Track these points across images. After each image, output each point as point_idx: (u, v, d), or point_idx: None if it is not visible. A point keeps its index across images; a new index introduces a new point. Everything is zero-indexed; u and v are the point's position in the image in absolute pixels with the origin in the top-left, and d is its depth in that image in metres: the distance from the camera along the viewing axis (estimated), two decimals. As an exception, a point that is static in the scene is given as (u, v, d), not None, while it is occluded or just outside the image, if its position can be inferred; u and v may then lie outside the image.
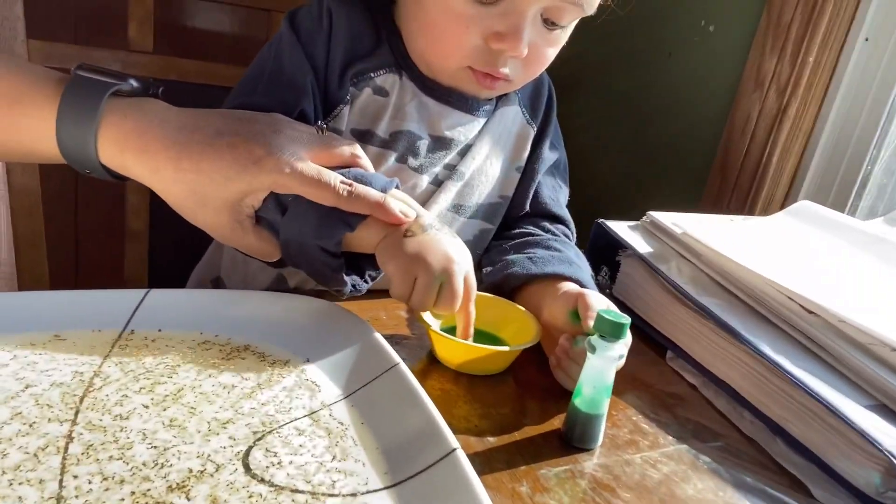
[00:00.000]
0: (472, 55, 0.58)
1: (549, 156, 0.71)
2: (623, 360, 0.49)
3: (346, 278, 0.50)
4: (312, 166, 0.46)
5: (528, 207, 0.70)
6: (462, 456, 0.37)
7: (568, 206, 0.74)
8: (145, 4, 0.98)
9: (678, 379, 0.59)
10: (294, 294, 0.53)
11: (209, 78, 1.03)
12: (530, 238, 0.66)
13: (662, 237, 0.70)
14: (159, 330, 0.47)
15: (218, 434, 0.38)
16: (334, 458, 0.38)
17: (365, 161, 0.51)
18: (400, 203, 0.49)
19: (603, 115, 1.38)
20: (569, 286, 0.57)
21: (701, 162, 1.13)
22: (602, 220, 0.73)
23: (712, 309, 0.58)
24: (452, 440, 0.38)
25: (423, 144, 0.64)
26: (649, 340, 0.65)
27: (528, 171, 0.70)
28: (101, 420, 0.37)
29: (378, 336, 0.49)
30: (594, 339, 0.44)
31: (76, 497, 0.32)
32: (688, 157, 1.18)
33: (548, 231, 0.68)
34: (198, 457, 0.36)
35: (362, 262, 0.53)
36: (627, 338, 0.50)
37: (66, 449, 0.35)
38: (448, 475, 0.36)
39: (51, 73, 0.48)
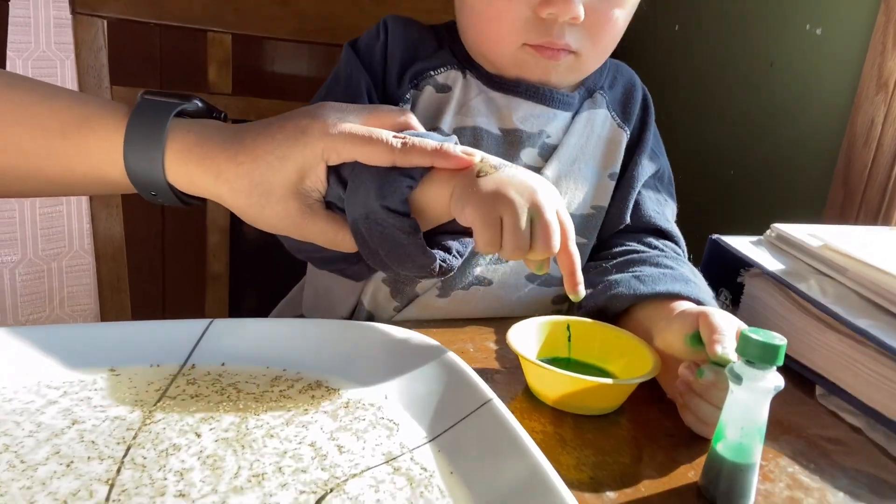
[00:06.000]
0: (525, 29, 0.54)
1: (649, 165, 0.63)
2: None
3: (433, 252, 0.45)
4: (361, 126, 0.44)
5: (628, 220, 0.61)
6: (581, 515, 0.29)
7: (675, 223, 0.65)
8: (224, 47, 0.99)
9: (835, 420, 0.48)
10: (372, 323, 0.47)
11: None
12: (635, 255, 0.58)
13: (794, 252, 0.59)
14: (223, 364, 0.42)
15: (285, 485, 0.32)
16: (420, 515, 0.31)
17: (416, 122, 0.47)
18: (461, 147, 0.45)
19: (702, 127, 1.28)
20: (685, 305, 0.48)
21: (818, 174, 1.01)
22: (717, 235, 0.63)
23: (871, 332, 0.47)
24: (567, 495, 0.30)
25: (494, 140, 0.58)
26: (791, 375, 0.54)
27: (625, 180, 0.62)
28: (147, 464, 0.32)
29: (467, 368, 0.41)
30: (739, 366, 0.35)
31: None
32: (802, 170, 1.06)
33: (654, 247, 0.59)
34: (256, 512, 0.30)
35: (444, 239, 0.47)
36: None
37: (106, 494, 0.29)
38: (565, 541, 0.28)
39: (115, 102, 0.48)
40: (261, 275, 1.08)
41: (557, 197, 0.44)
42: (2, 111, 0.47)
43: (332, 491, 0.32)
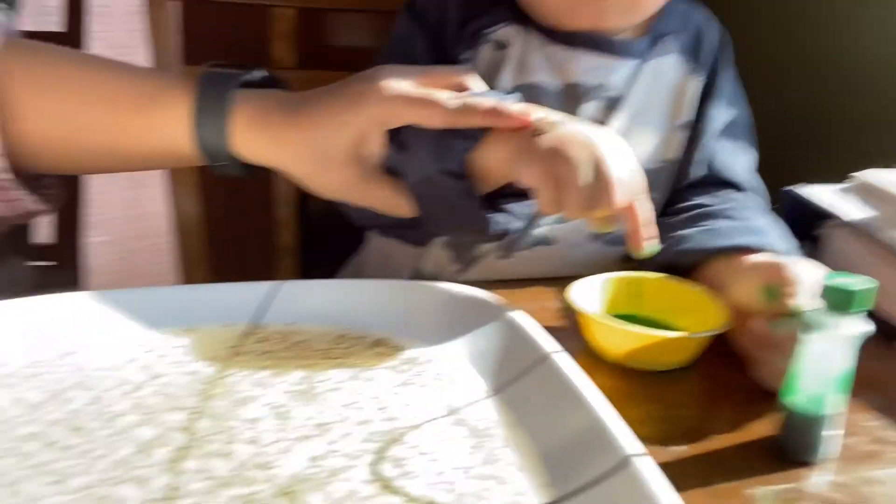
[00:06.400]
0: None
1: (725, 113, 0.59)
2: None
3: (491, 215, 0.45)
4: (417, 89, 0.43)
5: (701, 173, 0.59)
6: (646, 464, 0.28)
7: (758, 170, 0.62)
8: (288, 21, 1.01)
9: (927, 375, 0.45)
10: (434, 282, 0.47)
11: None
12: (707, 209, 0.55)
13: (879, 201, 0.55)
14: (291, 323, 0.44)
15: (349, 434, 0.33)
16: (484, 461, 0.31)
17: (475, 81, 0.46)
18: (519, 105, 0.43)
19: (784, 69, 1.20)
20: (760, 258, 0.46)
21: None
22: (791, 187, 0.60)
23: (970, 282, 0.44)
24: (632, 442, 0.29)
25: (553, 96, 0.57)
26: (877, 330, 0.50)
27: (696, 131, 0.59)
28: (221, 414, 0.34)
29: (529, 324, 0.41)
30: (818, 313, 0.33)
31: (175, 499, 0.28)
32: (887, 108, 0.98)
33: (729, 199, 0.57)
34: (321, 457, 0.31)
35: (504, 201, 0.47)
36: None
37: (183, 441, 0.31)
38: (629, 488, 0.28)
39: (183, 76, 0.50)
40: (329, 245, 1.11)
41: (622, 148, 0.42)
42: (79, 91, 0.50)
43: (394, 441, 0.33)
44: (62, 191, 0.60)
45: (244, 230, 1.12)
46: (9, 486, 0.28)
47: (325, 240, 1.12)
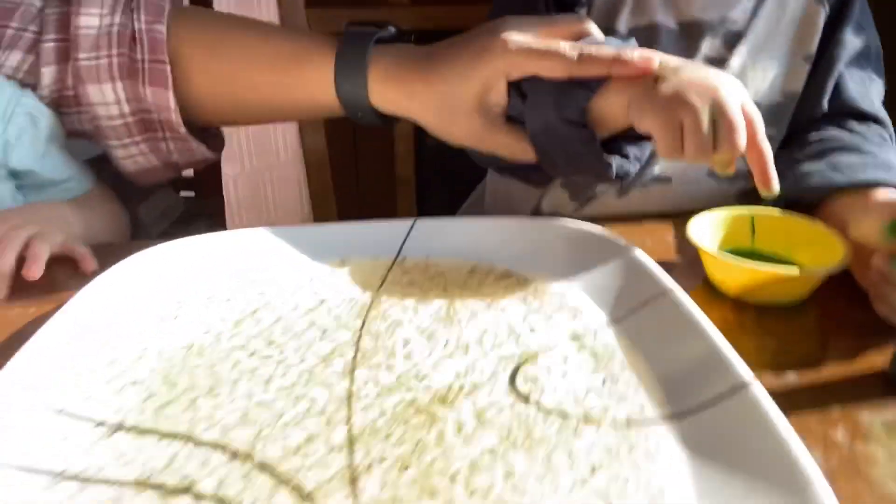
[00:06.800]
0: None
1: (853, 41, 0.57)
2: None
3: (609, 158, 0.47)
4: (538, 41, 0.45)
5: (826, 106, 0.57)
6: (759, 389, 0.31)
7: (885, 104, 0.59)
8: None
9: None
10: (556, 219, 0.51)
11: (466, 21, 1.05)
12: (833, 143, 0.54)
13: None
14: (427, 257, 0.49)
15: (486, 355, 0.38)
16: (605, 381, 0.36)
17: (594, 29, 0.48)
18: (639, 51, 0.44)
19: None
20: (886, 193, 0.46)
21: None
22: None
23: None
24: (745, 370, 0.33)
25: (671, 35, 0.56)
26: None
27: (823, 61, 0.57)
28: (379, 333, 0.40)
29: (647, 259, 0.44)
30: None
31: (358, 400, 0.34)
32: None
33: (856, 132, 0.55)
34: (464, 373, 0.37)
35: (621, 145, 0.49)
36: None
37: (353, 355, 0.38)
38: (742, 410, 0.31)
39: (321, 35, 0.55)
40: (444, 177, 1.16)
41: (742, 91, 0.43)
42: (239, 53, 0.56)
43: (525, 362, 0.38)
44: (222, 140, 0.68)
45: (366, 163, 1.19)
46: (229, 385, 0.36)
47: (440, 172, 1.18)
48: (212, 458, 0.31)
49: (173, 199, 0.85)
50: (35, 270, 0.45)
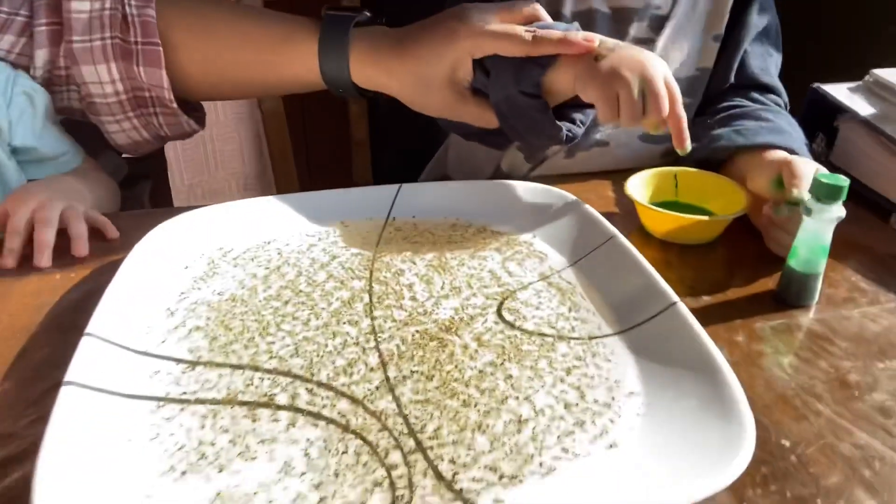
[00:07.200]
0: None
1: (757, 21, 0.68)
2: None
3: (559, 123, 0.55)
4: (499, 24, 0.53)
5: (733, 79, 0.69)
6: (683, 307, 0.43)
7: (781, 75, 0.71)
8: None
9: (904, 242, 0.58)
10: (518, 181, 0.60)
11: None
12: (737, 110, 0.66)
13: (888, 96, 0.65)
14: (413, 217, 0.58)
15: (475, 294, 0.48)
16: (570, 309, 0.47)
17: (544, 13, 0.56)
18: (582, 33, 0.53)
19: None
20: (776, 154, 0.57)
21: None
22: (818, 84, 0.70)
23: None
24: (672, 294, 0.44)
25: (605, 18, 0.65)
26: (871, 206, 0.63)
27: (730, 40, 0.68)
28: (386, 280, 0.49)
29: (594, 211, 0.55)
30: (810, 201, 0.46)
31: (382, 332, 0.44)
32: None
33: (757, 101, 0.67)
34: (461, 308, 0.46)
35: (569, 112, 0.57)
36: None
37: (368, 299, 0.47)
38: (672, 323, 0.42)
39: (303, 18, 0.61)
40: (398, 139, 1.23)
41: (664, 67, 0.52)
42: (226, 34, 0.61)
43: (507, 298, 0.48)
44: (203, 113, 0.73)
45: (322, 125, 1.24)
46: (275, 326, 0.44)
47: (394, 132, 1.25)
48: (279, 380, 0.39)
49: (118, 162, 0.88)
50: (83, 248, 0.51)
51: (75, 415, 0.34)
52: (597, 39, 0.53)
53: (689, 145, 0.52)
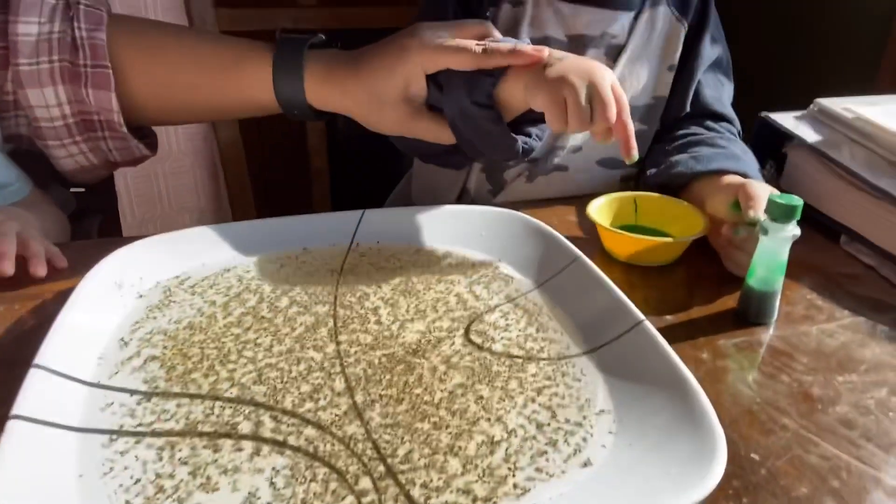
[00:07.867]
0: None
1: (709, 52, 0.71)
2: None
3: (515, 137, 0.55)
4: (450, 39, 0.53)
5: (688, 108, 0.71)
6: (649, 326, 0.43)
7: (733, 104, 0.74)
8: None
9: (854, 261, 0.60)
10: (482, 206, 0.60)
11: (370, 22, 1.12)
12: (693, 137, 0.68)
13: (833, 124, 0.68)
14: (377, 242, 0.57)
15: (440, 317, 0.48)
16: (538, 329, 0.46)
17: (495, 31, 0.56)
18: (532, 46, 0.53)
19: (755, 6, 1.30)
20: (731, 179, 0.59)
21: (871, 42, 1.05)
22: (766, 113, 0.72)
23: (889, 190, 0.58)
24: (638, 313, 0.44)
25: (561, 46, 0.67)
26: (821, 228, 0.65)
27: (685, 70, 0.71)
28: (351, 305, 0.48)
29: (558, 234, 0.55)
30: (766, 221, 0.47)
31: (348, 357, 0.43)
32: (855, 39, 1.09)
33: (712, 129, 0.70)
34: (427, 331, 0.46)
35: (525, 127, 0.58)
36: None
37: (333, 323, 0.46)
38: (639, 341, 0.42)
39: (255, 42, 0.60)
40: (357, 168, 1.23)
41: (612, 75, 0.52)
42: (177, 57, 0.60)
43: (474, 321, 0.48)
44: (156, 139, 0.71)
45: (280, 156, 1.23)
46: (236, 353, 0.42)
47: (353, 162, 1.25)
48: (241, 409, 0.38)
49: (66, 195, 0.85)
50: (42, 268, 0.49)
51: (22, 450, 0.32)
52: (546, 51, 0.53)
53: (636, 154, 0.51)
